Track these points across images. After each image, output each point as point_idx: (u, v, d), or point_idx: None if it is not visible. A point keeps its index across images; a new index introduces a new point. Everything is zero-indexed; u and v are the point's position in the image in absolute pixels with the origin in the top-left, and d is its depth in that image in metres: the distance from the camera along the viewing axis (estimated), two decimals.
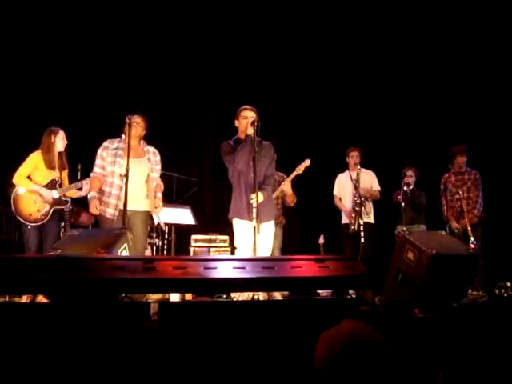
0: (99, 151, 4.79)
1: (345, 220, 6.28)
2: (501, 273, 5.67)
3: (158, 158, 4.94)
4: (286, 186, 5.58)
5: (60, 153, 5.23)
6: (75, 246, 3.60)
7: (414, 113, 7.53)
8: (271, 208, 4.66)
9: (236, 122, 4.65)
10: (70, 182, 5.24)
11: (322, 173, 6.90)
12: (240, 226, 4.51)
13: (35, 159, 5.12)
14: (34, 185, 5.06)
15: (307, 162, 5.55)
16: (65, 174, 5.28)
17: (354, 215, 6.00)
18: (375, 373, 1.50)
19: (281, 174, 5.80)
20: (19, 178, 5.05)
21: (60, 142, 5.19)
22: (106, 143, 4.80)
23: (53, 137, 5.15)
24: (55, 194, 5.09)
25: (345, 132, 7.49)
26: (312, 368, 1.62)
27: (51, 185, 5.13)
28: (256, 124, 4.43)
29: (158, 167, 4.93)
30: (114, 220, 4.58)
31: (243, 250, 4.50)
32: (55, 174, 5.18)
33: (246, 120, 4.55)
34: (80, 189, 5.18)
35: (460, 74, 7.34)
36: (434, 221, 6.31)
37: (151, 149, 4.93)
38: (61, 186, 5.16)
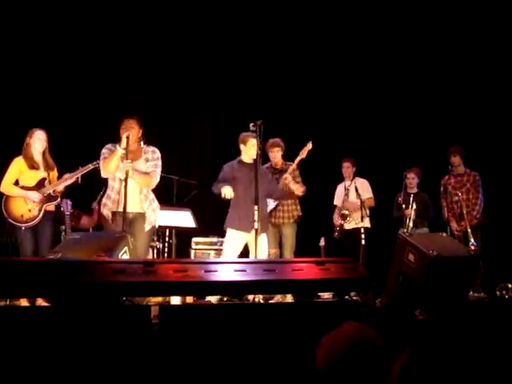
0: (104, 150, 4.72)
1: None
2: (502, 274, 5.66)
3: (157, 155, 4.80)
4: (288, 173, 5.52)
5: (43, 154, 5.16)
6: (76, 249, 3.60)
7: (415, 115, 7.51)
8: (266, 222, 5.14)
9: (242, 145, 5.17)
10: None
11: (322, 176, 6.91)
12: (233, 236, 5.04)
13: (17, 164, 5.10)
14: (20, 190, 5.03)
15: (309, 146, 5.61)
16: (53, 173, 5.20)
17: (339, 223, 6.26)
18: (376, 375, 1.51)
19: (289, 163, 5.81)
20: (5, 186, 5.06)
21: (37, 142, 5.12)
22: (109, 145, 4.74)
23: (28, 138, 5.12)
24: (43, 192, 5.04)
25: (347, 135, 7.48)
26: (313, 370, 1.62)
27: (40, 184, 5.08)
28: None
29: (153, 163, 4.77)
30: (113, 223, 4.57)
31: (228, 256, 4.94)
32: (42, 174, 5.12)
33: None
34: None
35: (460, 76, 7.33)
36: (435, 223, 6.31)
37: (150, 148, 4.83)
38: (50, 184, 5.11)
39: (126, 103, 6.99)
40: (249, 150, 5.10)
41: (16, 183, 5.09)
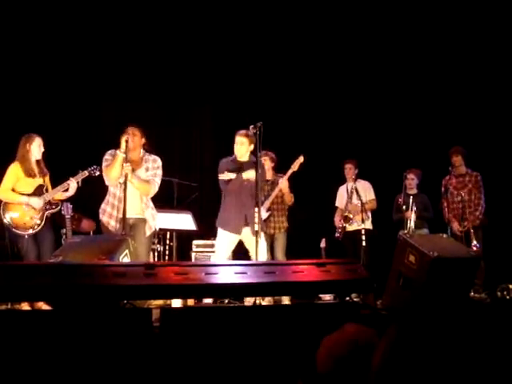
0: (107, 156, 4.73)
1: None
2: (503, 275, 5.65)
3: (157, 164, 4.82)
4: (283, 184, 5.62)
5: (37, 160, 5.08)
6: (77, 252, 3.61)
7: (415, 116, 7.51)
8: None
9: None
10: (54, 187, 5.12)
11: (323, 177, 6.91)
12: (223, 236, 4.97)
13: (14, 170, 5.00)
14: (21, 196, 4.94)
15: (301, 159, 5.66)
16: (47, 179, 5.15)
17: (341, 225, 6.30)
18: None
19: (280, 174, 5.84)
20: (4, 192, 4.94)
21: (36, 149, 5.04)
22: (111, 151, 4.74)
23: (28, 145, 5.02)
24: (44, 199, 4.98)
25: (347, 136, 7.49)
26: (314, 372, 1.62)
27: (38, 191, 5.01)
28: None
29: (153, 172, 4.78)
30: (116, 231, 4.59)
31: (219, 257, 4.93)
32: (38, 181, 5.05)
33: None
34: (66, 190, 5.06)
35: (460, 77, 7.33)
36: (435, 224, 6.31)
37: (151, 157, 4.84)
38: (47, 190, 5.05)
39: (126, 104, 7.00)
40: (237, 149, 5.05)
41: (12, 191, 4.98)
